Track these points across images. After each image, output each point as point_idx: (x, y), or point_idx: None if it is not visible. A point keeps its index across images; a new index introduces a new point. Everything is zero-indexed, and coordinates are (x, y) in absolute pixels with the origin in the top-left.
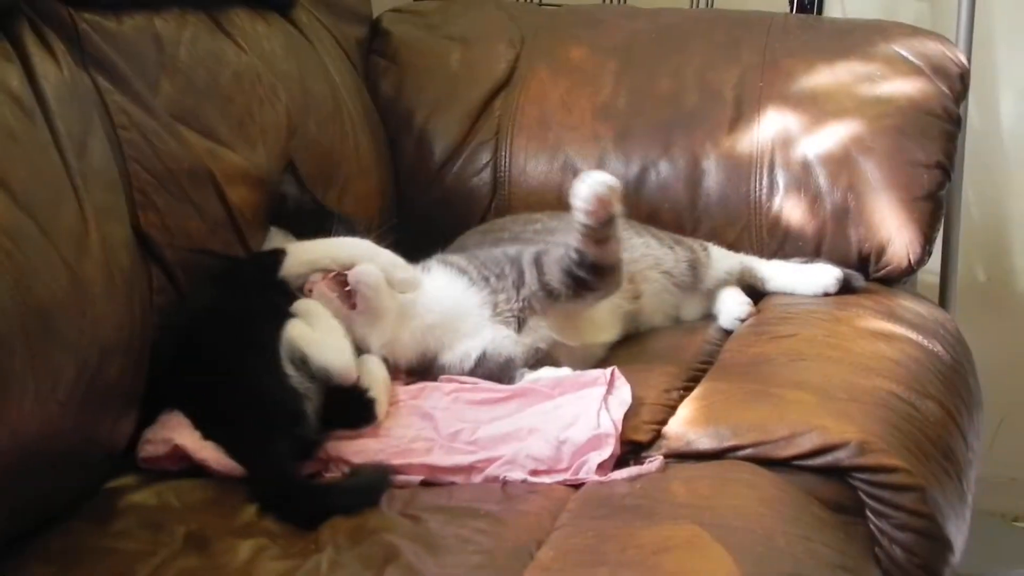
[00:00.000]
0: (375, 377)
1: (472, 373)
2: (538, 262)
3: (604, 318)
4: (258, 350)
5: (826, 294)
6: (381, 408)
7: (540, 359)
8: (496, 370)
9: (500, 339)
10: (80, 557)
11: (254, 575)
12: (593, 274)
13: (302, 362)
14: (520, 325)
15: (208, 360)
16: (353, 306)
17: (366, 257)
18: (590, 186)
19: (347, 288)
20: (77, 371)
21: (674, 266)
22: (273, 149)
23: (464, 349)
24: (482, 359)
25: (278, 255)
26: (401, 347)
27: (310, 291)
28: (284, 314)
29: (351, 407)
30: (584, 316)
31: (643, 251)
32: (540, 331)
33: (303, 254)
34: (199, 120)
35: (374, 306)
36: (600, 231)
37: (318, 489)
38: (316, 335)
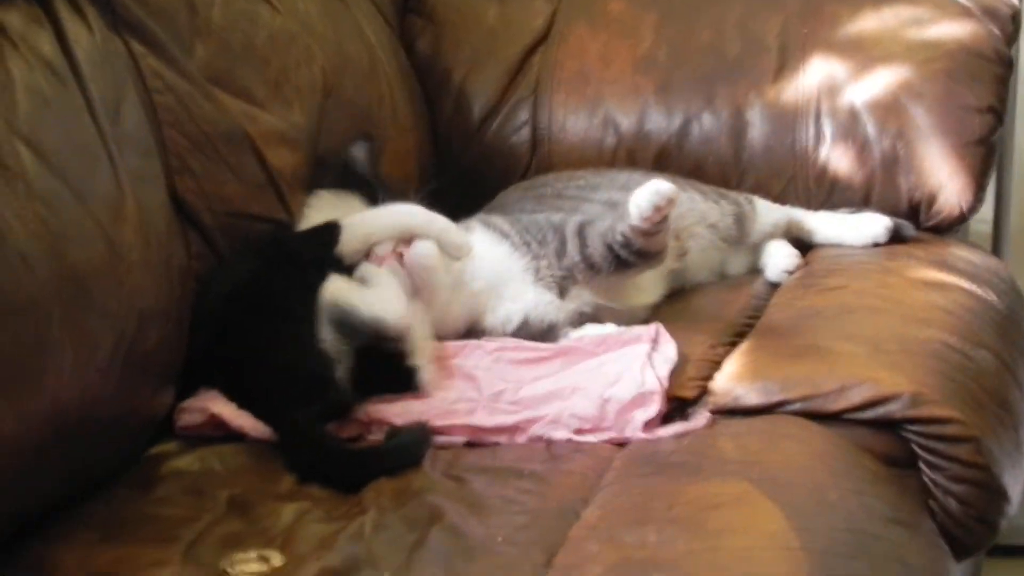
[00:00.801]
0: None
1: (514, 336)
2: (581, 233)
3: (649, 280)
4: (288, 317)
5: (875, 244)
6: (425, 375)
7: (583, 321)
8: (538, 335)
9: (543, 304)
10: (123, 523)
11: (297, 538)
12: (637, 257)
13: (344, 320)
14: (562, 291)
15: (239, 330)
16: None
17: (420, 225)
18: (649, 197)
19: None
20: (115, 338)
21: (719, 220)
22: (309, 110)
23: (506, 313)
24: (524, 324)
25: (334, 230)
26: (452, 318)
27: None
28: (316, 281)
29: (394, 375)
30: (629, 281)
31: (688, 206)
32: (583, 296)
33: (359, 228)
34: (234, 82)
35: (429, 286)
36: (652, 230)
37: (357, 454)
38: (362, 289)
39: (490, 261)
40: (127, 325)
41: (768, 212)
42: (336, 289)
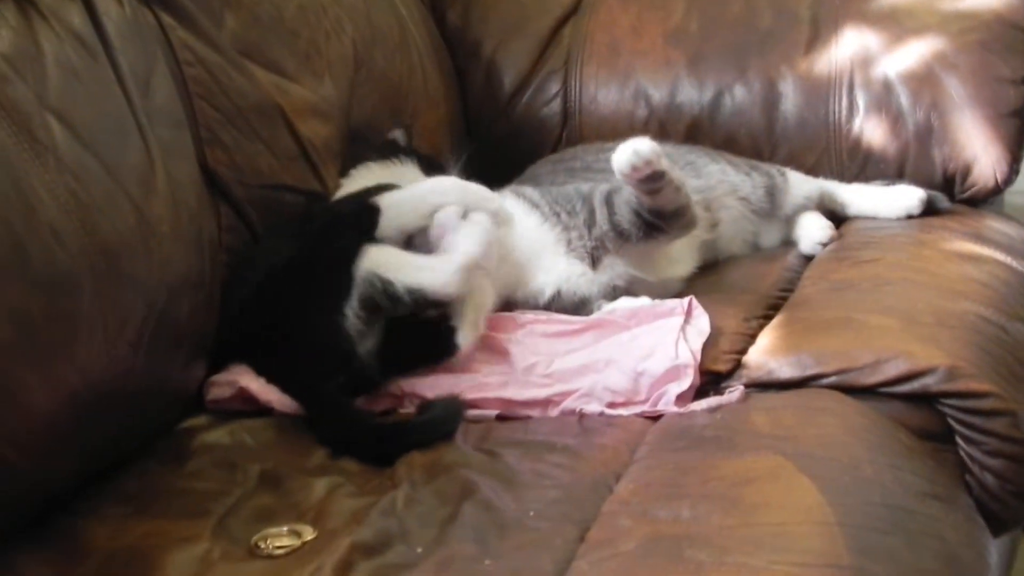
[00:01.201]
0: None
1: (546, 309)
2: (609, 201)
3: (681, 251)
4: (317, 290)
5: (909, 216)
6: (462, 338)
7: (617, 295)
8: (571, 308)
9: (575, 277)
10: (155, 497)
11: (329, 512)
12: (659, 218)
13: (378, 293)
14: (595, 262)
15: (269, 303)
16: None
17: (459, 198)
18: (626, 156)
19: None
20: (146, 311)
21: (751, 192)
22: (340, 83)
23: (538, 285)
24: (556, 297)
25: (373, 214)
26: (490, 291)
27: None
28: (346, 250)
29: (430, 340)
30: (660, 251)
31: (719, 177)
32: (616, 268)
33: (397, 209)
34: (265, 55)
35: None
36: (645, 186)
37: (389, 428)
38: (403, 257)
39: (522, 232)
40: (158, 298)
41: (801, 184)
42: (375, 259)
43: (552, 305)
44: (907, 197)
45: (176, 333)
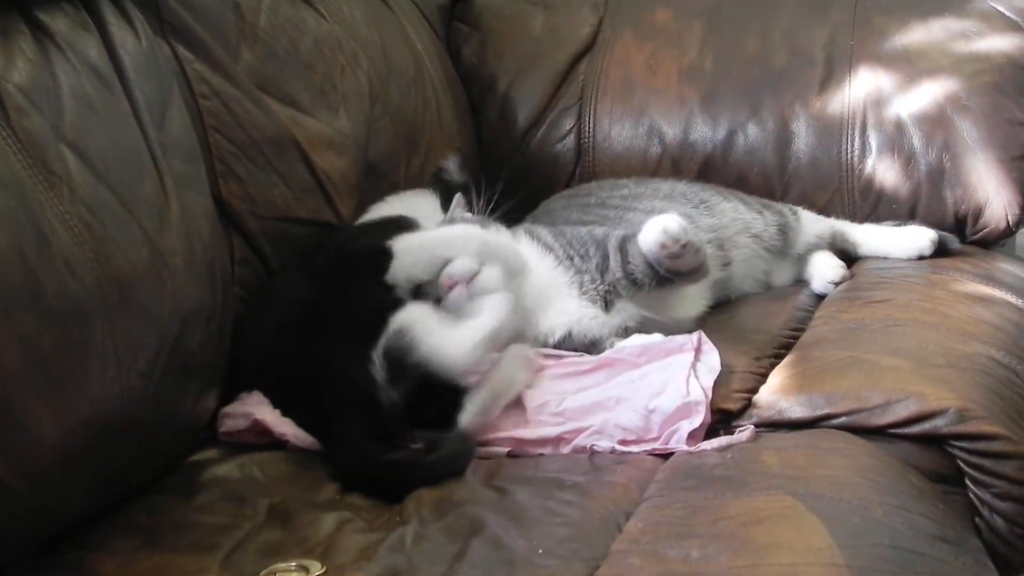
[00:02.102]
0: (491, 383)
1: (556, 348)
2: (623, 249)
3: (693, 291)
4: (350, 333)
5: (921, 257)
6: (466, 419)
7: (628, 334)
8: (581, 348)
9: (587, 320)
10: (164, 530)
11: (338, 548)
12: (674, 274)
13: (401, 354)
14: (607, 305)
15: (298, 339)
16: None
17: (476, 250)
18: (655, 236)
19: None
20: (158, 342)
21: (764, 230)
22: (356, 116)
23: (549, 326)
24: (567, 337)
25: (384, 257)
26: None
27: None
28: (380, 305)
29: (442, 408)
30: (673, 294)
31: (732, 216)
32: (628, 311)
33: (413, 255)
34: (280, 88)
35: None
36: (670, 260)
37: (400, 465)
38: (436, 324)
39: (535, 274)
40: (170, 330)
41: (813, 223)
42: (407, 319)
43: (563, 345)
44: (919, 238)
45: (188, 365)
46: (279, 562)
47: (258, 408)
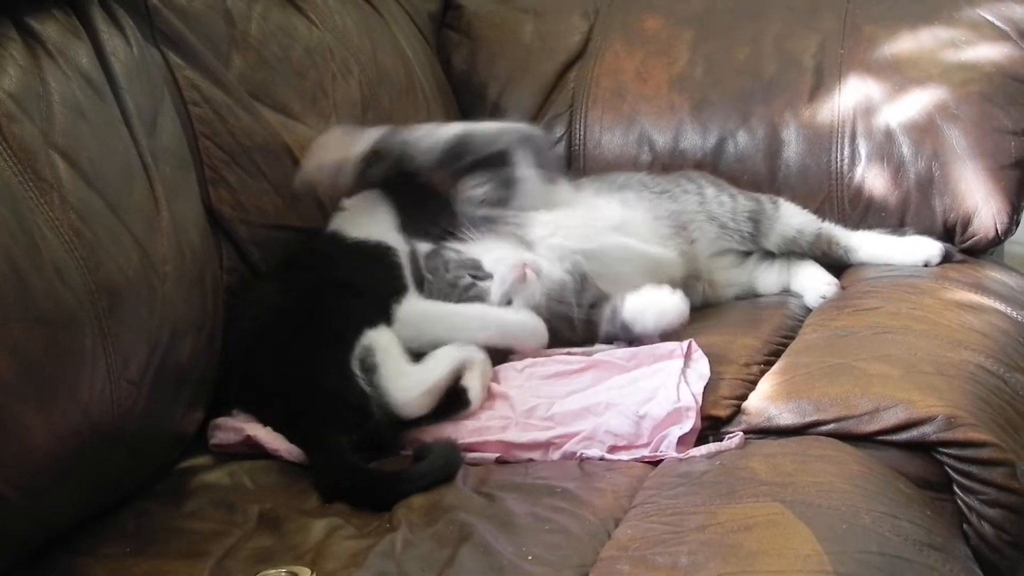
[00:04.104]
0: (472, 366)
1: None
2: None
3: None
4: (334, 344)
5: (927, 264)
6: (475, 395)
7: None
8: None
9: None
10: (154, 537)
11: (328, 554)
12: None
13: (370, 371)
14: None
15: (281, 351)
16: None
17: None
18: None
19: None
20: (148, 350)
21: (731, 214)
22: (347, 123)
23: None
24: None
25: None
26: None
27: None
28: (363, 316)
29: (445, 399)
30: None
31: (696, 201)
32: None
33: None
34: (271, 95)
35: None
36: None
37: (387, 476)
38: (396, 354)
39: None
40: (160, 338)
41: (794, 216)
42: (375, 340)
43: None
44: (928, 247)
45: (178, 373)
46: (269, 569)
47: (250, 424)
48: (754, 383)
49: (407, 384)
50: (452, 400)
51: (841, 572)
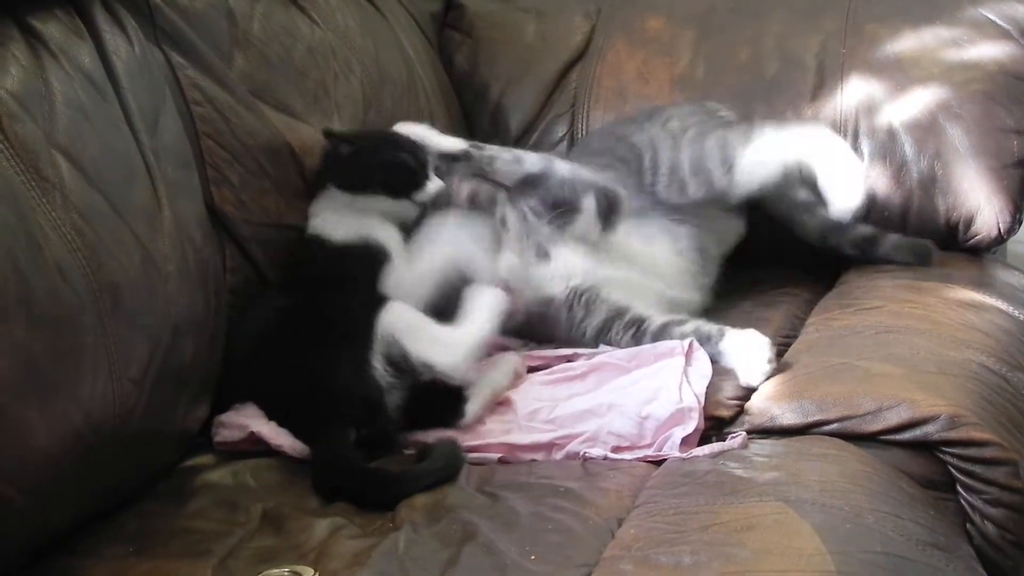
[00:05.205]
0: (490, 378)
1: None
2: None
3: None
4: (346, 338)
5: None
6: (472, 410)
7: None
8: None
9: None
10: (155, 537)
11: (331, 553)
12: None
13: (397, 356)
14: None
15: (290, 348)
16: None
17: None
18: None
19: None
20: (150, 350)
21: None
22: (349, 123)
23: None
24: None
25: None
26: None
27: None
28: (370, 302)
29: (443, 406)
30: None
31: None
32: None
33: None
34: (273, 95)
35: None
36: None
37: (390, 476)
38: (419, 325)
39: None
40: (162, 337)
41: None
42: (393, 321)
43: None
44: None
45: (180, 373)
46: (272, 568)
47: (254, 420)
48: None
49: (448, 347)
50: (449, 407)
51: (844, 572)
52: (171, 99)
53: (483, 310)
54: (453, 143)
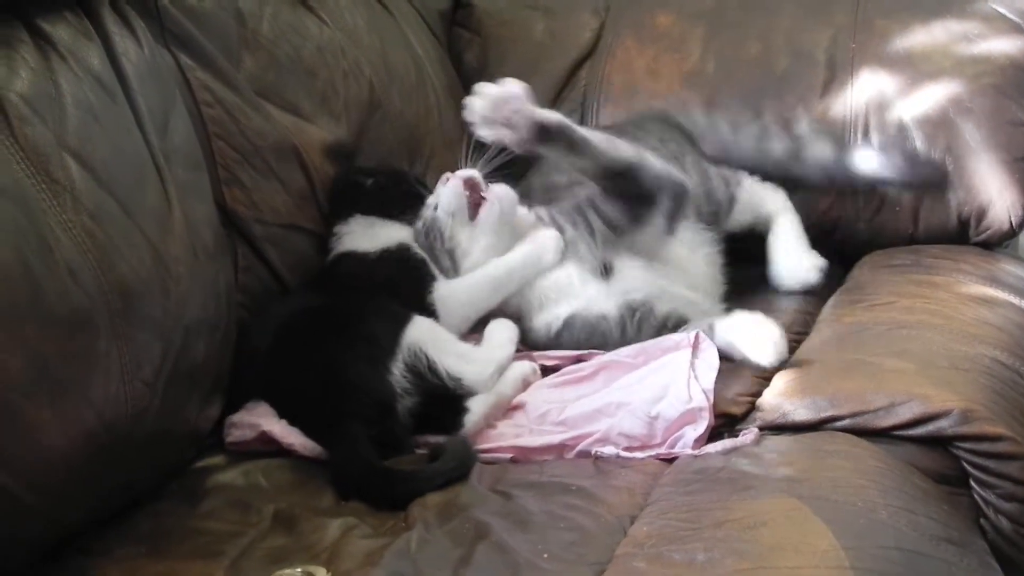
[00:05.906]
0: (495, 389)
1: (561, 336)
2: (592, 204)
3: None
4: (366, 341)
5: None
6: (472, 420)
7: (635, 315)
8: (588, 329)
9: (589, 299)
10: (169, 537)
11: (343, 554)
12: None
13: (421, 368)
14: (607, 271)
15: (308, 347)
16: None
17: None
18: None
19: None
20: (162, 351)
21: None
22: (357, 123)
23: (554, 315)
24: (571, 320)
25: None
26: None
27: (446, 180)
28: (397, 314)
29: (445, 412)
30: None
31: None
32: (630, 275)
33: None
34: (282, 95)
35: (500, 222)
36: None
37: (403, 474)
38: (445, 340)
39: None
40: (174, 338)
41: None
42: (420, 334)
43: (566, 331)
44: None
45: (192, 373)
46: (285, 568)
47: (265, 419)
48: (768, 379)
49: (477, 365)
50: (450, 416)
51: (858, 567)
52: (181, 101)
53: (503, 334)
54: (549, 114)
